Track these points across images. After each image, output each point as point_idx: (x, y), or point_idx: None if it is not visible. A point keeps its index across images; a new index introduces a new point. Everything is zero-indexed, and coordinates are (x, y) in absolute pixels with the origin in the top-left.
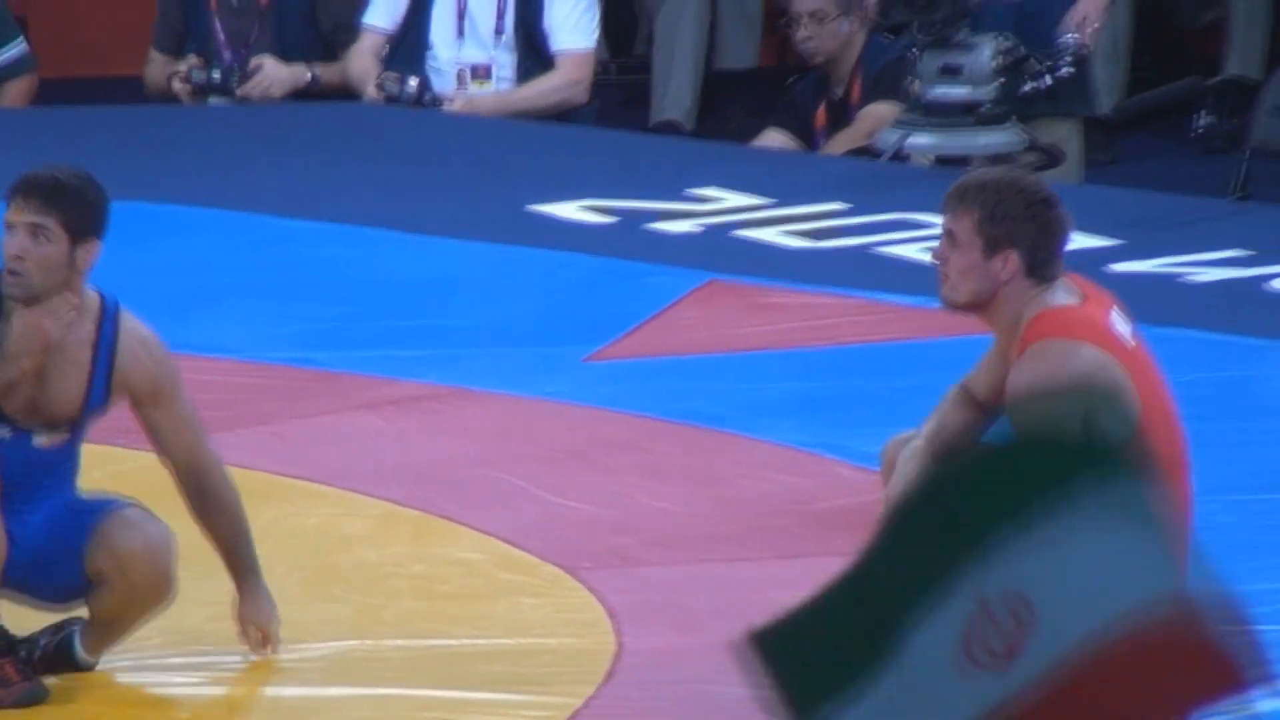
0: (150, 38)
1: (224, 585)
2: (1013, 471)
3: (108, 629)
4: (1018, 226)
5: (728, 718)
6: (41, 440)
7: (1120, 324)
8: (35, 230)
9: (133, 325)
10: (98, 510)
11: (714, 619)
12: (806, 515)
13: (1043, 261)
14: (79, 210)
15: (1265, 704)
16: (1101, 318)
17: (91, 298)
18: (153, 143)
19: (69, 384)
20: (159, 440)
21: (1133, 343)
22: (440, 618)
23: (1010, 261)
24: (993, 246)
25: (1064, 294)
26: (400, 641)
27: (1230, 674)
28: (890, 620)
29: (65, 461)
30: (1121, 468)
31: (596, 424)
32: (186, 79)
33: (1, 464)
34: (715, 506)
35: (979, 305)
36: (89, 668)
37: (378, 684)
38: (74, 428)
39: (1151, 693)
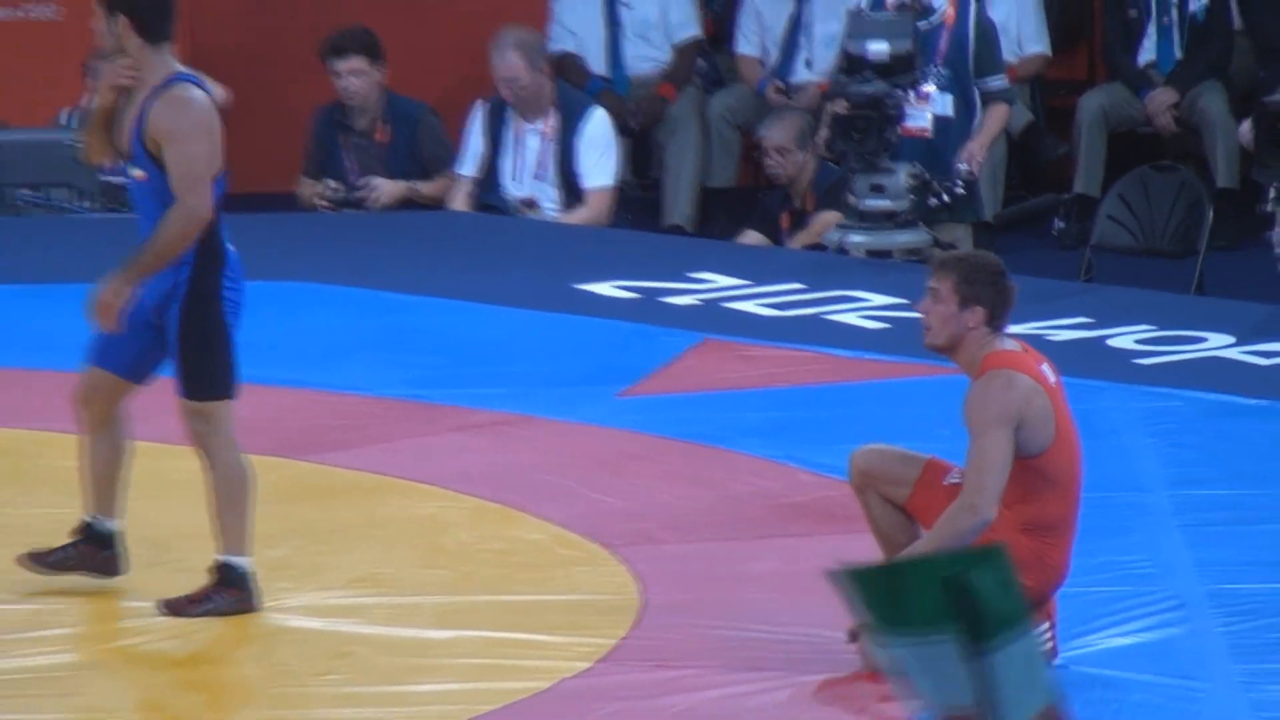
0: (301, 167)
1: (362, 559)
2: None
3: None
4: (984, 290)
5: (721, 651)
6: (133, 173)
7: (1048, 371)
8: (105, 17)
9: (179, 88)
10: None
11: (710, 581)
12: (774, 507)
13: (998, 316)
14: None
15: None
16: (1034, 363)
17: (165, 69)
18: (304, 240)
19: (126, 125)
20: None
21: (1055, 385)
22: (515, 581)
23: (977, 314)
24: (965, 303)
25: (1010, 342)
26: (487, 597)
27: None
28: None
29: (151, 200)
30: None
31: (624, 442)
32: (325, 198)
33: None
34: (710, 501)
35: (951, 347)
36: (242, 568)
37: (471, 628)
38: (141, 165)
39: None
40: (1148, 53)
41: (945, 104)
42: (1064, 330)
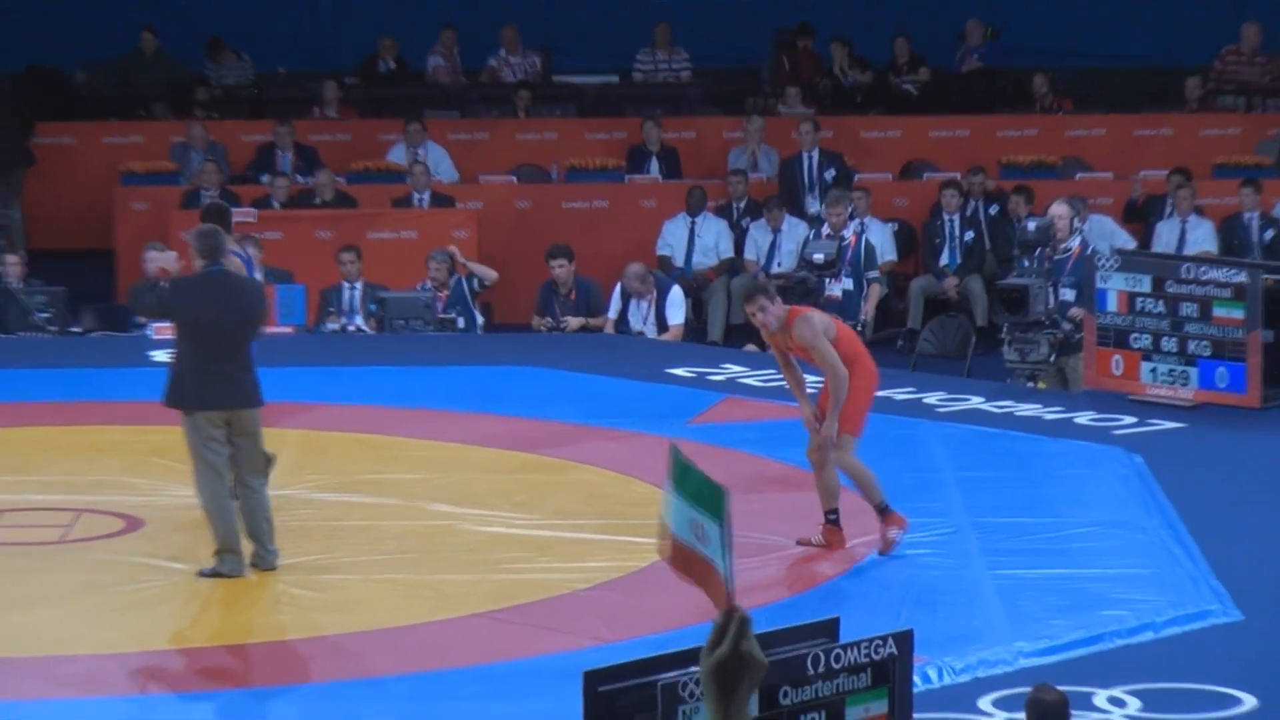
0: (534, 310)
1: (556, 501)
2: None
3: None
4: (772, 289)
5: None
6: None
7: (816, 314)
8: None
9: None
10: None
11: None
12: (762, 479)
13: (779, 298)
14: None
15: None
16: (806, 308)
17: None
18: (533, 346)
19: None
20: None
21: (827, 315)
22: (631, 513)
23: (777, 302)
24: (772, 300)
25: (789, 303)
26: (618, 520)
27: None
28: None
29: None
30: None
31: (689, 447)
32: (544, 326)
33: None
34: (730, 475)
35: (781, 325)
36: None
37: (610, 534)
38: None
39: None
40: (944, 260)
41: (849, 284)
42: (901, 394)
